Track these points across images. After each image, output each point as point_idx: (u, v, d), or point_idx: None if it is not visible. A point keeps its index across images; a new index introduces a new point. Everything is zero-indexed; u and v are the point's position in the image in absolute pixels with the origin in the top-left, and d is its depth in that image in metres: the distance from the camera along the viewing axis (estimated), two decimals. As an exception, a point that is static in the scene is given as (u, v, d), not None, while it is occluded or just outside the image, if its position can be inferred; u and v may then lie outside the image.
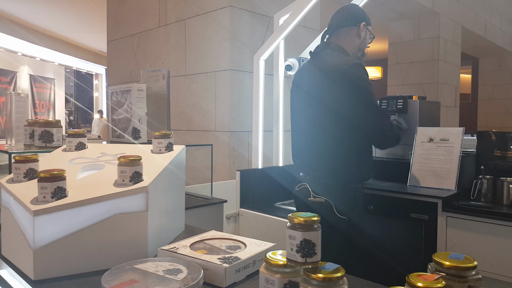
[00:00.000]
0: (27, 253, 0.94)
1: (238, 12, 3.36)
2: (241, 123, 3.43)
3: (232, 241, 1.10)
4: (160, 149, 1.29)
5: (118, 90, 1.82)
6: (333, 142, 1.75)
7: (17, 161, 1.07)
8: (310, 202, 1.79)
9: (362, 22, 1.82)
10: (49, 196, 0.95)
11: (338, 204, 1.73)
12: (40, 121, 1.40)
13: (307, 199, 1.81)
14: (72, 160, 1.22)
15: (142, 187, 1.04)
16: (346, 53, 1.79)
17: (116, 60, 4.65)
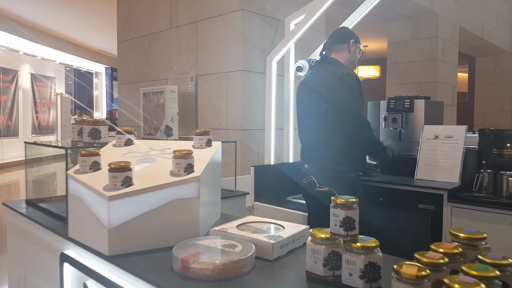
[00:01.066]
0: (101, 233, 1.09)
1: (249, 15, 3.51)
2: (252, 121, 3.59)
3: (271, 224, 1.26)
4: (201, 145, 1.45)
5: (150, 91, 1.97)
6: (335, 137, 2.05)
7: (83, 155, 1.23)
8: (316, 192, 2.04)
9: (351, 39, 2.18)
10: (119, 184, 1.10)
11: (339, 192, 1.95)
12: (89, 119, 1.55)
13: (313, 189, 2.06)
14: (125, 154, 1.38)
15: (195, 177, 1.20)
16: (341, 64, 2.16)
17: (127, 60, 4.78)
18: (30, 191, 1.75)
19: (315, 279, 0.95)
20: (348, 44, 2.16)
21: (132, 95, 4.74)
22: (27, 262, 1.58)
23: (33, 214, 1.55)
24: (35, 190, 1.79)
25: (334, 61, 2.16)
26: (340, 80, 2.04)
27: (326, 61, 2.18)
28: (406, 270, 0.73)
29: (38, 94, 13.11)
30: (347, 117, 2.01)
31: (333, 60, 2.17)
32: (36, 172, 1.84)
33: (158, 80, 4.34)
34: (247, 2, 3.49)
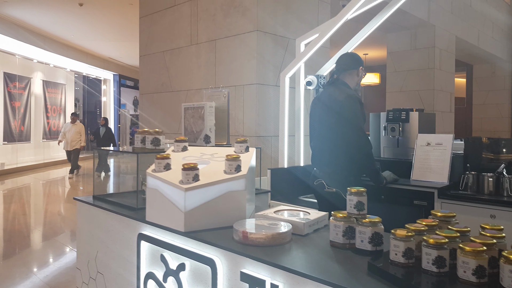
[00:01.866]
0: (178, 215, 1.50)
1: (263, 35, 3.94)
2: (266, 129, 4.00)
3: (299, 211, 1.67)
4: (241, 150, 1.85)
5: (192, 106, 2.38)
6: (341, 145, 2.46)
7: (159, 157, 1.63)
8: (325, 192, 2.46)
9: (361, 67, 2.61)
10: (191, 180, 1.51)
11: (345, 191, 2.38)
12: (150, 130, 1.96)
13: (323, 190, 2.50)
14: (184, 158, 1.79)
15: (243, 174, 1.60)
16: (348, 86, 2.58)
17: (149, 72, 5.21)
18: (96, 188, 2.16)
19: (336, 246, 1.35)
20: (358, 70, 2.57)
21: (153, 104, 5.16)
22: (98, 244, 1.98)
23: (105, 205, 1.96)
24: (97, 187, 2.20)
25: (343, 83, 2.57)
26: (347, 98, 2.45)
27: (337, 83, 2.60)
28: (399, 232, 1.13)
29: (49, 100, 13.56)
30: (352, 130, 2.41)
31: (343, 82, 2.58)
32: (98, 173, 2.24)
33: (179, 91, 4.76)
34: (261, 24, 3.91)
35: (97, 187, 2.22)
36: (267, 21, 3.97)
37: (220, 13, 4.22)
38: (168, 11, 4.85)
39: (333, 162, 2.50)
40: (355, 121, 2.42)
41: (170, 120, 4.88)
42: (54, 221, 5.75)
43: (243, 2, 3.98)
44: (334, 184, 2.48)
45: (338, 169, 2.47)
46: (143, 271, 1.63)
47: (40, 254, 4.32)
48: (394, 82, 8.14)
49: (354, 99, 2.45)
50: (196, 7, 4.49)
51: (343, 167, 2.46)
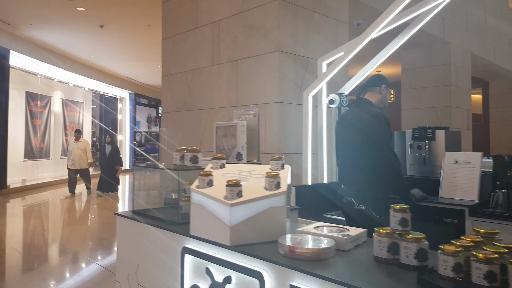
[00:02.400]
0: (223, 229, 1.55)
1: (284, 55, 4.04)
2: (288, 146, 4.06)
3: (338, 227, 1.71)
4: (277, 168, 1.91)
5: (223, 125, 2.46)
6: (368, 163, 2.50)
7: (203, 174, 1.70)
8: (354, 210, 2.50)
9: (383, 84, 2.69)
10: (235, 195, 1.57)
11: (374, 209, 2.41)
12: (188, 148, 2.04)
13: (352, 208, 2.53)
14: (224, 175, 1.86)
15: (283, 191, 1.66)
16: (373, 104, 2.64)
17: (171, 91, 5.35)
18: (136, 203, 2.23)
19: (380, 261, 1.38)
20: (380, 88, 2.65)
21: (175, 122, 5.28)
22: (139, 258, 2.04)
23: (147, 220, 2.02)
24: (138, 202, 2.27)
25: (367, 101, 2.65)
26: (372, 117, 2.50)
27: (361, 101, 2.67)
28: (448, 247, 1.17)
29: (68, 118, 13.88)
30: (379, 147, 2.46)
31: (366, 101, 2.65)
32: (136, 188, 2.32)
33: (200, 109, 4.87)
34: (283, 45, 4.02)
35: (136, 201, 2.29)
36: (288, 42, 4.07)
37: (242, 34, 4.35)
38: (190, 33, 5.01)
39: (361, 180, 2.54)
40: (381, 138, 2.46)
41: (191, 138, 4.97)
42: (73, 235, 5.84)
43: (265, 25, 4.10)
44: (363, 202, 2.51)
45: (367, 187, 2.51)
46: (187, 283, 1.68)
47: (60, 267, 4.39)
48: (410, 99, 8.16)
49: (380, 117, 2.51)
50: (218, 29, 4.64)
51: (371, 184, 2.50)
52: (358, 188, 2.54)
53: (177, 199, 2.07)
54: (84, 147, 9.50)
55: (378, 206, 2.45)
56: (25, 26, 9.10)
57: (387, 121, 2.51)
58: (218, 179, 1.77)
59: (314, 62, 4.25)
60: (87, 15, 8.19)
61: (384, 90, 2.65)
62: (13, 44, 9.59)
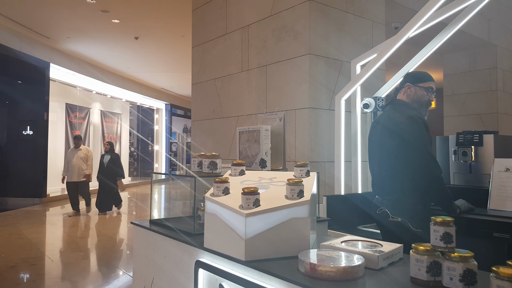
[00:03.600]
0: (238, 243, 1.40)
1: (315, 58, 3.87)
2: (319, 154, 3.86)
3: (370, 242, 1.51)
4: (302, 175, 1.74)
5: (247, 130, 2.32)
6: (404, 171, 2.25)
7: (218, 181, 1.56)
8: (389, 222, 2.25)
9: (406, 83, 2.38)
10: (252, 205, 1.41)
11: (412, 221, 2.16)
12: (207, 154, 1.91)
13: (386, 220, 2.28)
14: (242, 182, 1.70)
15: (306, 200, 1.48)
16: (407, 105, 2.38)
17: (200, 99, 5.30)
18: (152, 213, 2.12)
19: (419, 283, 1.17)
20: (410, 85, 2.37)
21: (204, 130, 5.22)
22: (155, 270, 1.92)
23: (162, 230, 1.91)
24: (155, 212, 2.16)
25: (400, 102, 2.40)
26: (408, 119, 2.26)
27: (395, 103, 2.43)
28: (503, 270, 0.95)
29: (106, 129, 14.31)
30: (416, 153, 2.21)
31: (400, 101, 2.41)
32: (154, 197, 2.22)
33: (229, 117, 4.78)
34: (314, 47, 3.86)
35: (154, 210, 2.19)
36: (320, 44, 3.90)
37: (271, 38, 4.23)
38: (220, 40, 4.96)
39: (397, 190, 2.29)
40: (419, 143, 2.22)
41: (221, 145, 4.88)
42: (109, 244, 5.88)
43: (295, 27, 3.96)
44: (399, 213, 2.26)
45: (403, 197, 2.26)
46: (200, 301, 1.53)
47: (95, 278, 4.38)
48: (452, 105, 7.70)
49: (416, 119, 2.25)
50: (247, 34, 4.54)
51: (408, 194, 2.25)
52: (393, 198, 2.30)
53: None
54: (85, 155, 8.26)
55: (417, 218, 2.20)
56: (64, 40, 9.49)
57: (424, 124, 2.26)
58: (236, 187, 1.62)
59: (348, 65, 4.05)
60: (122, 27, 8.41)
61: (412, 88, 2.37)
62: (53, 57, 10.02)
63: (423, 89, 2.38)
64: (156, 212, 2.23)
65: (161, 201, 2.36)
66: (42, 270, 4.51)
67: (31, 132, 10.02)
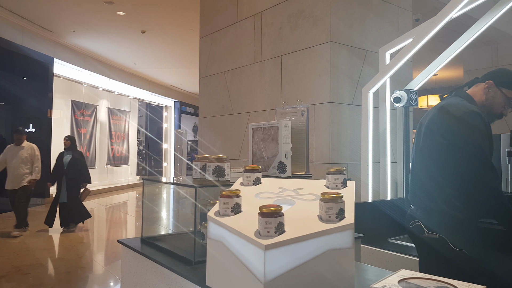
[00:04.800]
0: (254, 286, 0.98)
1: (337, 47, 3.42)
2: (341, 154, 3.42)
3: (437, 281, 1.07)
4: (336, 185, 1.31)
5: (261, 126, 1.90)
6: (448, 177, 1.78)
7: (225, 196, 1.14)
8: (425, 237, 1.82)
9: (490, 80, 1.87)
10: (273, 231, 0.99)
11: (452, 238, 1.73)
12: (212, 156, 1.49)
13: (421, 235, 1.84)
14: (258, 195, 1.28)
15: (349, 224, 1.05)
16: (471, 100, 1.87)
17: (209, 94, 4.89)
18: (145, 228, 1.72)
19: None
20: (489, 85, 1.87)
21: (213, 128, 4.81)
22: (145, 305, 1.52)
23: (155, 254, 1.49)
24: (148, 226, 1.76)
25: (465, 96, 1.90)
26: (465, 114, 1.78)
27: (459, 94, 1.94)
28: None
29: (113, 127, 14.01)
30: (467, 157, 1.76)
31: (464, 94, 1.91)
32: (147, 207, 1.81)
33: (240, 113, 4.36)
34: (335, 34, 3.41)
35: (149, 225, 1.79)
36: (342, 31, 3.46)
37: (287, 25, 3.79)
38: (230, 29, 4.54)
39: (437, 199, 1.81)
40: (472, 147, 1.74)
41: (231, 145, 4.47)
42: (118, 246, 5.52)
43: (314, 11, 3.52)
44: (437, 228, 1.79)
45: (444, 208, 1.78)
46: None
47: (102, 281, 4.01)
48: (475, 103, 7.19)
49: (474, 117, 1.75)
50: (260, 22, 4.12)
51: (451, 204, 1.77)
52: (431, 209, 1.84)
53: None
54: (29, 155, 6.16)
55: (459, 235, 1.75)
56: (68, 34, 9.16)
57: (484, 124, 1.76)
58: (250, 202, 1.20)
59: (373, 54, 3.61)
60: (127, 20, 8.04)
61: (491, 88, 1.87)
62: (57, 52, 9.70)
63: (505, 98, 1.86)
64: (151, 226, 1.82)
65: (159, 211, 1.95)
66: (35, 281, 4.15)
67: (34, 129, 9.73)
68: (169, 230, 1.83)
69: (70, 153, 6.34)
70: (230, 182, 1.50)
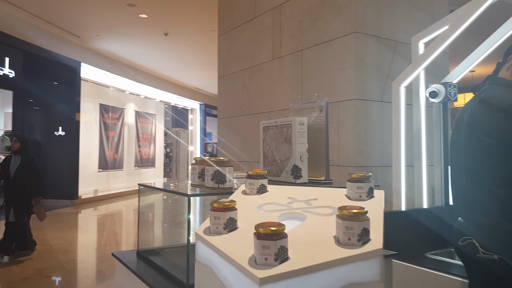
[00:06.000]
0: (246, 332, 0.74)
1: (364, 37, 3.12)
2: (369, 157, 3.11)
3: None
4: (360, 195, 1.05)
5: (273, 124, 1.65)
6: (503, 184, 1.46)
7: (216, 209, 0.91)
8: (479, 258, 1.49)
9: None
10: (272, 258, 0.75)
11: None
12: (212, 159, 1.26)
13: (475, 255, 1.51)
14: (261, 207, 1.04)
15: (376, 249, 0.79)
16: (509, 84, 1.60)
17: (227, 94, 4.69)
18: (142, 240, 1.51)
19: None
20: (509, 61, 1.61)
21: (232, 129, 4.60)
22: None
23: (146, 272, 1.28)
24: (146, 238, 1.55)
25: (504, 82, 1.61)
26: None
27: (493, 83, 1.64)
28: None
29: (140, 130, 14.13)
30: None
31: (501, 80, 1.61)
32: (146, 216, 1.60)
33: (259, 113, 4.13)
34: (362, 24, 3.12)
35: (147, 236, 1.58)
36: (369, 20, 3.16)
37: (308, 17, 3.53)
38: (248, 25, 4.32)
39: (491, 211, 1.49)
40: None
41: (250, 146, 4.24)
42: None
43: (337, 0, 3.24)
44: (496, 247, 1.46)
45: (504, 224, 1.45)
46: None
47: None
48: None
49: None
50: (279, 16, 3.87)
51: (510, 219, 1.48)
52: (486, 223, 1.51)
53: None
54: None
55: None
56: (94, 38, 9.24)
57: None
58: (249, 216, 0.96)
59: (404, 46, 3.28)
60: (150, 23, 7.99)
61: None
62: (84, 56, 9.83)
63: None
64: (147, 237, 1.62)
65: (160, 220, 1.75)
66: (55, 285, 4.07)
67: (63, 133, 9.89)
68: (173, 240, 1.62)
69: (19, 158, 4.85)
70: (233, 189, 1.26)
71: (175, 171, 1.41)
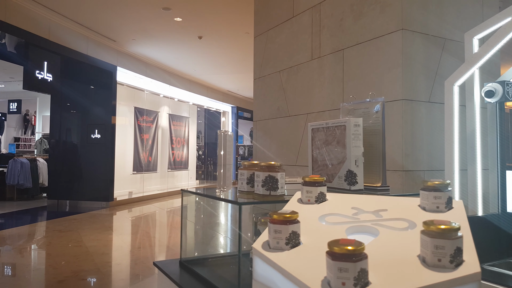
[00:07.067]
0: None
1: (410, 35, 2.95)
2: (416, 161, 2.92)
3: None
4: (437, 206, 0.92)
5: (324, 126, 1.54)
6: None
7: (276, 221, 0.81)
8: None
9: None
10: (351, 283, 0.63)
11: None
12: (262, 164, 1.17)
13: None
14: (323, 218, 0.93)
15: (474, 273, 0.66)
16: None
17: (263, 96, 4.60)
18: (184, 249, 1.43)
19: None
20: None
21: (267, 132, 4.50)
22: None
23: (191, 286, 1.20)
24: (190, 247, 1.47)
25: None
26: None
27: None
28: None
29: (174, 133, 14.32)
30: None
31: None
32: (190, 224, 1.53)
33: (297, 115, 4.01)
34: (408, 21, 2.94)
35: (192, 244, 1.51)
36: (416, 17, 2.97)
37: (350, 15, 3.38)
38: (286, 25, 4.22)
39: None
40: None
41: (287, 149, 4.12)
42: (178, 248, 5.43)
43: (382, -3, 3.08)
44: None
45: None
46: None
47: None
48: None
49: None
50: (318, 14, 3.74)
51: None
52: None
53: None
54: None
55: None
56: (129, 42, 9.43)
57: None
58: (312, 229, 0.85)
59: (453, 43, 3.08)
60: (184, 26, 8.05)
61: None
62: (120, 60, 10.05)
63: None
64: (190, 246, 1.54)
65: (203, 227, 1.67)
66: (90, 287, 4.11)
67: (99, 135, 10.15)
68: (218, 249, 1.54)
69: None
70: (285, 197, 1.16)
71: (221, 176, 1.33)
